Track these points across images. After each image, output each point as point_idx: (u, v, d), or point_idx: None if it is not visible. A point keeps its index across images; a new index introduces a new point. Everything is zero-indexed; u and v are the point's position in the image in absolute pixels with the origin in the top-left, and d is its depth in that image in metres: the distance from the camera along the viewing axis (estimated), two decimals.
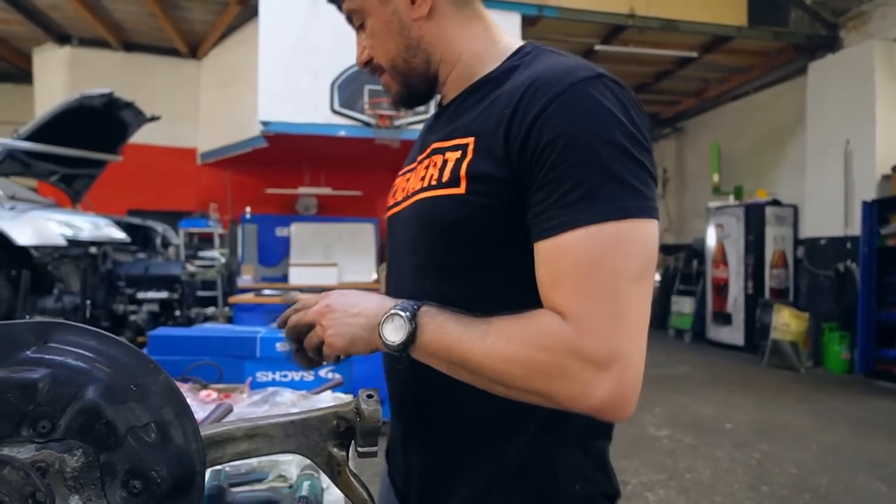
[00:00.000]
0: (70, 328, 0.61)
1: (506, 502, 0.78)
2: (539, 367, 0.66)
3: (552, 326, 0.66)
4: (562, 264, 0.67)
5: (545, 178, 0.68)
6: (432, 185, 0.79)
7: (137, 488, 0.59)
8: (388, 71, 0.87)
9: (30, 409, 0.57)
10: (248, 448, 0.75)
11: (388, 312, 0.73)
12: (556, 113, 0.68)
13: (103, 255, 4.70)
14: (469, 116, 0.80)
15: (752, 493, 3.42)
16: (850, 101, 7.02)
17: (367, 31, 0.85)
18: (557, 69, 0.73)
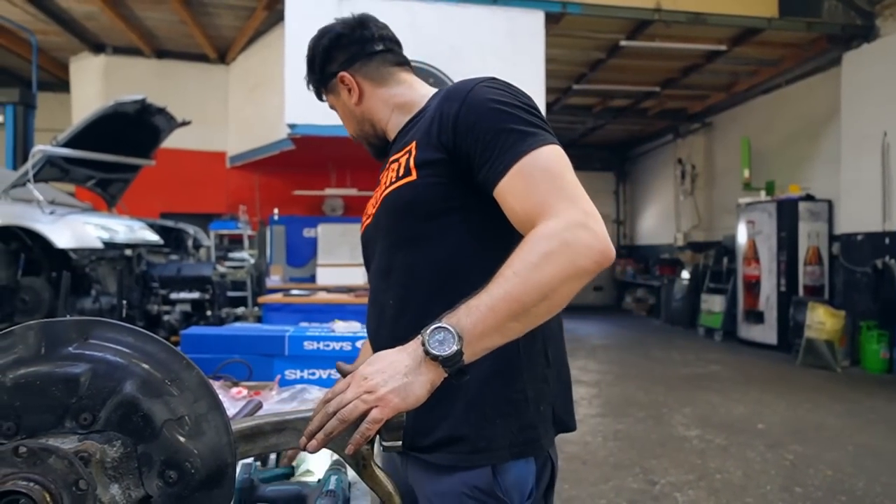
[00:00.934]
0: (109, 326, 0.64)
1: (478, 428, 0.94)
2: (547, 251, 0.81)
3: (538, 231, 0.83)
4: (525, 181, 0.88)
5: (478, 151, 0.92)
6: (392, 181, 1.03)
7: (173, 478, 0.62)
8: (356, 139, 1.27)
9: (72, 401, 0.60)
10: (276, 441, 0.78)
11: (421, 340, 0.78)
12: (471, 101, 0.95)
13: (138, 256, 4.82)
14: (408, 136, 1.08)
15: (786, 495, 3.35)
16: (887, 91, 6.81)
17: (341, 115, 1.26)
18: (460, 83, 1.01)
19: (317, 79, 1.23)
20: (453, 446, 0.93)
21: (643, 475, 3.65)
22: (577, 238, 0.81)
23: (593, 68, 8.92)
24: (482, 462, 0.92)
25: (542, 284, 0.80)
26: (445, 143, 0.95)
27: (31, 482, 0.53)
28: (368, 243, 1.14)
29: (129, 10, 7.44)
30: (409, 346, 0.80)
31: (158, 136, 5.61)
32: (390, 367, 0.77)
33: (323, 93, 1.25)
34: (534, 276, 0.80)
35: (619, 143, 14.08)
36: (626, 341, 9.16)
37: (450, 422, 0.94)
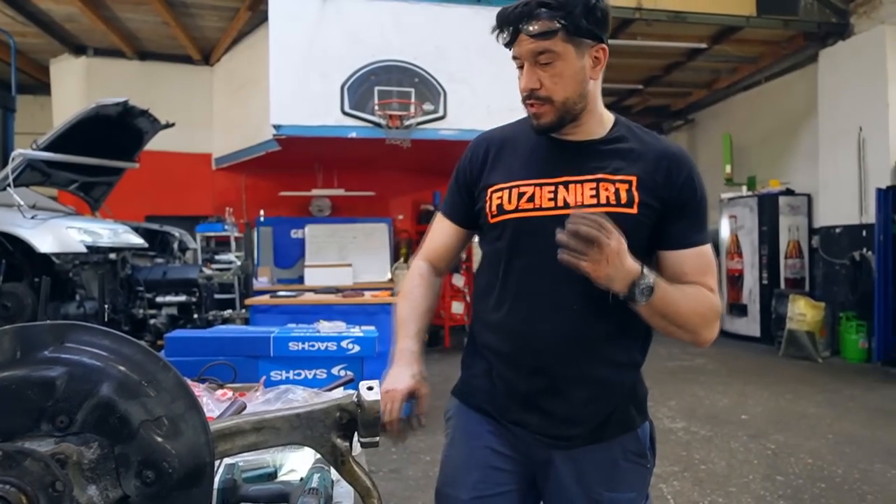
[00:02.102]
0: (84, 329, 0.66)
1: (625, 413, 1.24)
2: (706, 318, 1.17)
3: (714, 299, 1.19)
4: (703, 262, 1.20)
5: (692, 216, 1.20)
6: (612, 203, 1.16)
7: (150, 478, 0.64)
8: (556, 105, 1.16)
9: (48, 404, 0.61)
10: (256, 440, 0.79)
11: (643, 281, 1.06)
12: (693, 179, 1.21)
13: (122, 260, 4.80)
14: (618, 161, 1.19)
15: (767, 484, 3.42)
16: (862, 87, 6.94)
17: (555, 70, 1.13)
18: (679, 150, 1.25)
19: (568, 20, 1.10)
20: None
21: None
22: (714, 325, 1.19)
23: None
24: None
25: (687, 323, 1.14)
26: (664, 198, 1.17)
27: (7, 485, 0.54)
28: (540, 235, 1.15)
29: (111, 12, 7.37)
30: (633, 268, 1.05)
31: (142, 139, 5.58)
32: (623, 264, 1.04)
33: (560, 37, 1.11)
34: (692, 316, 1.15)
35: None
36: None
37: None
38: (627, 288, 1.05)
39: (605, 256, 1.00)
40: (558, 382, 1.20)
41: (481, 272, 1.34)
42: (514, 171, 1.24)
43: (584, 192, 1.18)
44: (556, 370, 1.19)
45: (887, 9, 6.76)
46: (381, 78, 6.46)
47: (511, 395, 1.23)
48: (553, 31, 1.09)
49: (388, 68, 6.40)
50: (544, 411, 1.21)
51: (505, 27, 1.13)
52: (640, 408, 1.28)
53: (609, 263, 1.01)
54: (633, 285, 1.05)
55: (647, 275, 1.06)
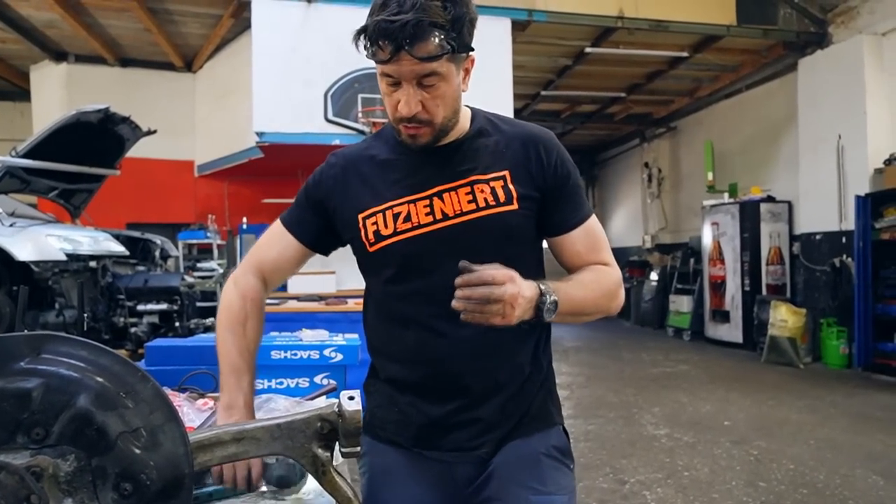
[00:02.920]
0: (62, 340, 0.65)
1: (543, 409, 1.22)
2: (610, 295, 1.18)
3: (608, 270, 1.19)
4: (591, 238, 1.20)
5: (569, 195, 1.18)
6: (491, 204, 1.12)
7: (128, 490, 0.63)
8: (435, 125, 1.09)
9: (24, 416, 0.61)
10: (236, 451, 0.78)
11: (545, 301, 1.03)
12: (564, 158, 1.19)
13: (103, 268, 4.73)
14: (486, 159, 1.15)
15: (750, 490, 3.44)
16: (840, 96, 7.06)
17: (438, 92, 1.05)
18: (542, 131, 1.21)
19: (456, 40, 1.01)
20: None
21: (613, 475, 3.71)
22: (619, 295, 1.20)
23: (560, 74, 9.06)
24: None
25: (599, 307, 1.17)
26: (540, 186, 1.16)
27: None
28: (426, 254, 1.12)
29: (92, 18, 7.31)
30: (531, 292, 1.01)
31: (123, 146, 5.53)
32: (526, 301, 1.00)
33: (446, 58, 1.02)
34: (600, 300, 1.16)
35: (588, 147, 14.30)
36: (596, 343, 9.27)
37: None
38: (534, 312, 1.02)
39: (507, 304, 0.96)
40: (474, 397, 1.16)
41: (371, 302, 1.27)
42: (382, 191, 1.15)
43: (461, 199, 1.13)
44: (471, 386, 1.15)
45: (864, 19, 6.90)
46: (364, 86, 6.47)
47: (426, 421, 1.17)
48: (443, 54, 1.00)
49: (372, 76, 6.32)
50: (463, 428, 1.16)
51: (383, 43, 0.99)
52: (556, 407, 1.27)
53: (515, 307, 0.97)
54: (539, 308, 1.02)
55: (546, 291, 1.03)
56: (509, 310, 0.97)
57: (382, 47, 0.99)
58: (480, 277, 0.94)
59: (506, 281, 0.96)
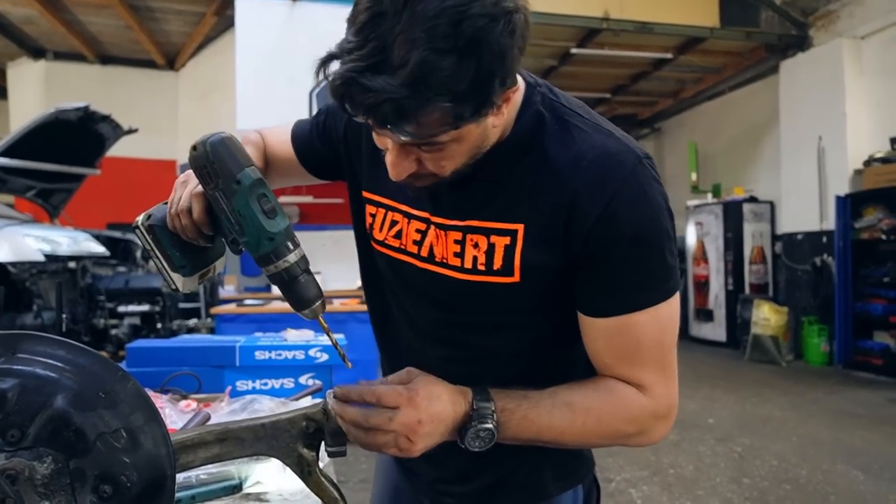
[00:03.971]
0: (38, 339, 0.63)
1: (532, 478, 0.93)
2: (626, 433, 0.81)
3: (636, 401, 0.79)
4: (628, 340, 0.78)
5: (605, 263, 0.76)
6: (480, 269, 0.80)
7: (107, 493, 0.61)
8: (443, 178, 0.76)
9: None
10: (219, 452, 0.77)
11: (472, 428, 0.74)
12: (620, 209, 0.73)
13: (82, 269, 4.65)
14: (506, 196, 0.79)
15: (734, 486, 3.48)
16: (821, 98, 7.16)
17: (444, 154, 0.72)
18: (604, 156, 0.75)
19: (476, 105, 0.66)
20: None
21: (599, 473, 3.67)
22: (652, 432, 0.81)
23: (546, 75, 9.09)
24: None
25: (594, 443, 0.85)
26: (569, 247, 0.76)
27: None
28: (405, 283, 0.90)
29: (71, 15, 7.20)
30: (453, 411, 0.74)
31: (103, 145, 5.44)
32: (440, 425, 0.73)
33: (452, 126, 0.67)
34: (596, 439, 0.81)
35: None
36: None
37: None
38: (459, 437, 0.76)
39: (399, 435, 0.71)
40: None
41: (367, 286, 1.03)
42: (386, 180, 0.80)
43: (448, 246, 0.82)
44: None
45: (844, 22, 7.00)
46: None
47: None
48: (451, 127, 0.67)
49: None
50: (433, 462, 0.93)
51: (352, 107, 0.66)
52: (562, 471, 0.94)
53: (414, 439, 0.71)
54: (462, 434, 0.75)
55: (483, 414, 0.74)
56: (405, 443, 0.72)
57: (351, 111, 0.67)
58: (360, 395, 0.72)
59: (398, 404, 0.70)
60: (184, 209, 0.81)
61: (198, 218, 0.80)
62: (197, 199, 0.80)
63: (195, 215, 0.80)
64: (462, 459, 0.88)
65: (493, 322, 0.85)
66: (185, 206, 0.81)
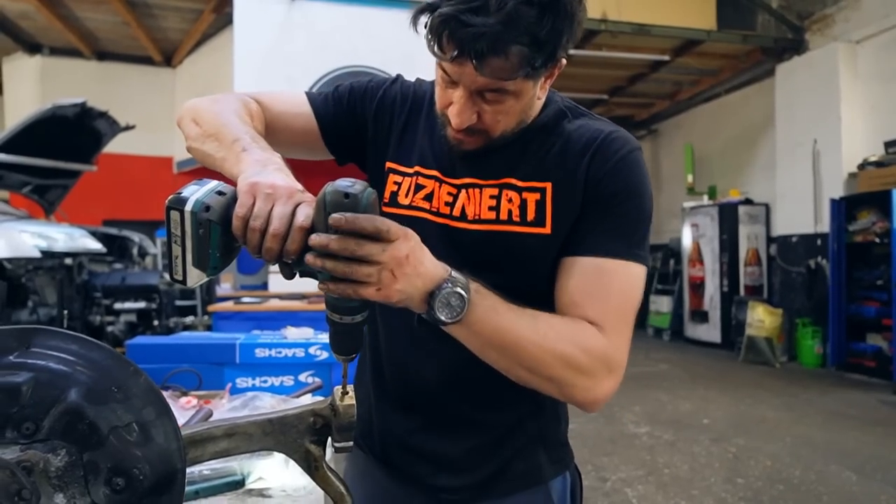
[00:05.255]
0: (52, 333, 0.63)
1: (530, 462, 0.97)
2: (575, 364, 0.80)
3: (595, 335, 0.82)
4: (600, 282, 0.85)
5: (604, 213, 0.87)
6: (515, 220, 0.89)
7: (120, 485, 0.61)
8: (491, 137, 0.87)
9: (13, 411, 0.59)
10: (227, 446, 0.77)
11: (446, 288, 0.73)
12: (622, 170, 0.88)
13: (79, 266, 4.64)
14: (535, 161, 0.91)
15: (728, 486, 3.50)
16: (816, 101, 7.21)
17: (502, 108, 0.83)
18: (614, 134, 0.91)
19: (544, 58, 0.78)
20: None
21: (595, 472, 3.74)
22: (599, 380, 0.82)
23: None
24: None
25: (541, 364, 0.79)
26: (584, 199, 0.88)
27: None
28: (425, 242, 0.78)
29: (68, 10, 7.18)
30: (433, 268, 0.73)
31: (100, 141, 5.44)
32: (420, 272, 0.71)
33: (521, 76, 0.78)
34: (547, 355, 0.79)
35: None
36: None
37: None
38: (426, 301, 0.73)
39: (385, 268, 0.67)
40: (437, 422, 0.97)
41: None
42: (416, 151, 0.96)
43: (483, 203, 0.90)
44: (433, 408, 0.97)
45: (840, 27, 7.05)
46: (347, 84, 6.44)
47: (388, 434, 1.01)
48: (520, 74, 0.78)
49: (355, 73, 6.38)
50: (425, 456, 0.97)
51: (447, 39, 0.76)
52: (554, 455, 0.99)
53: (399, 276, 0.69)
54: (432, 296, 0.73)
55: (456, 281, 0.73)
56: (387, 277, 0.68)
57: (444, 45, 0.77)
58: (371, 222, 0.65)
59: (397, 237, 0.68)
60: (277, 234, 0.67)
61: (293, 251, 0.68)
62: (300, 233, 0.67)
63: (291, 248, 0.68)
64: (464, 449, 0.94)
65: (514, 282, 0.85)
66: (281, 231, 0.67)
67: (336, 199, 0.65)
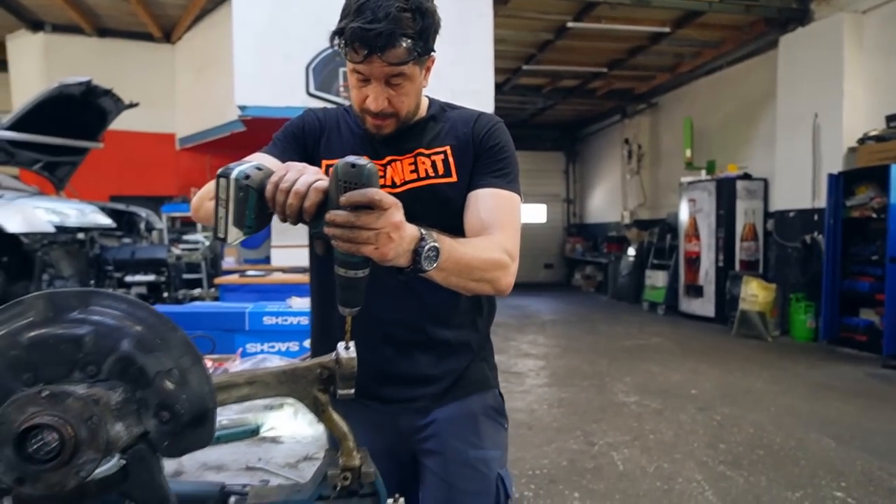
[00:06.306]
0: (105, 295, 0.77)
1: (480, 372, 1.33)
2: (499, 262, 1.14)
3: (501, 240, 1.17)
4: (499, 210, 1.21)
5: (490, 161, 1.25)
6: (430, 175, 1.23)
7: (166, 418, 0.76)
8: (399, 118, 1.21)
9: (79, 356, 0.73)
10: (248, 392, 0.92)
11: (425, 244, 0.96)
12: (497, 129, 1.29)
13: (91, 240, 4.79)
14: (431, 136, 1.27)
15: (710, 451, 3.68)
16: (819, 74, 7.17)
17: (403, 90, 1.17)
18: (487, 114, 1.32)
19: (422, 47, 1.14)
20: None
21: (584, 437, 3.92)
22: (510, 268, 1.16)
23: (542, 49, 9.11)
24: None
25: (479, 271, 1.10)
26: (474, 154, 1.25)
27: (55, 417, 0.66)
28: None
29: None
30: (411, 231, 0.94)
31: (105, 119, 5.54)
32: (406, 236, 0.92)
33: (412, 62, 1.14)
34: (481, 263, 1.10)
35: (569, 123, 14.40)
36: (574, 317, 9.52)
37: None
38: (411, 258, 0.96)
39: (382, 233, 0.86)
40: (406, 349, 1.26)
41: (313, 255, 1.33)
42: (345, 147, 1.27)
43: (405, 169, 1.24)
44: (402, 338, 1.25)
45: None
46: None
47: (367, 370, 1.14)
48: (410, 59, 1.12)
49: None
50: (398, 378, 1.26)
51: (358, 47, 1.09)
52: (492, 372, 1.36)
53: (394, 238, 0.89)
54: (417, 253, 0.95)
55: (427, 236, 0.96)
56: (385, 240, 0.87)
57: (357, 50, 1.10)
58: (365, 195, 0.83)
59: (389, 206, 0.86)
60: (299, 192, 0.87)
61: (309, 208, 0.87)
62: (317, 193, 0.87)
63: (307, 204, 0.87)
64: (429, 365, 1.27)
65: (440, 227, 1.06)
66: (302, 190, 0.87)
67: (345, 168, 0.84)
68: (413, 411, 1.28)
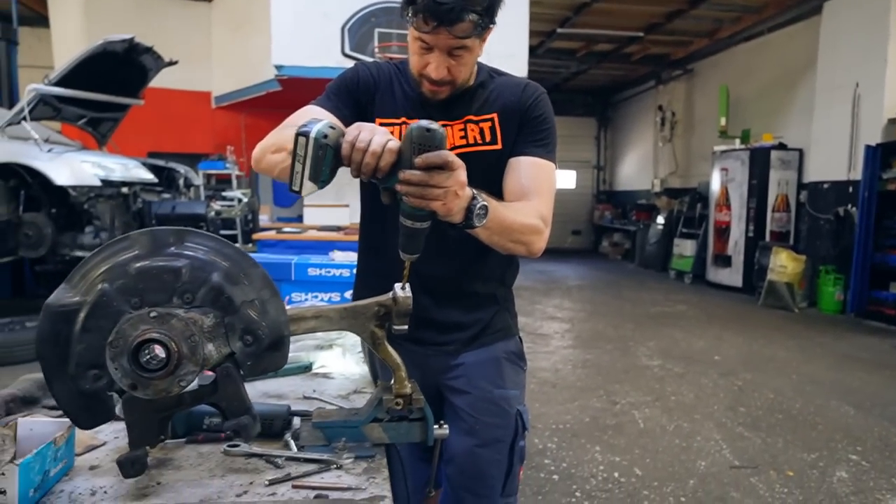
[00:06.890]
0: (197, 234, 0.89)
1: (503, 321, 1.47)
2: (535, 227, 1.24)
3: (538, 205, 1.27)
4: (539, 178, 1.31)
5: (533, 130, 1.35)
6: (478, 142, 1.33)
7: (249, 341, 0.88)
8: (454, 85, 1.29)
9: (178, 285, 0.85)
10: (314, 325, 1.04)
11: (477, 203, 1.07)
12: (541, 100, 1.37)
13: (134, 194, 4.98)
14: (480, 103, 1.35)
15: (730, 413, 3.77)
16: (862, 42, 6.97)
17: (463, 61, 1.25)
18: (533, 84, 1.39)
19: (487, 22, 1.21)
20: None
21: (606, 396, 4.04)
22: (543, 233, 1.27)
23: (578, 12, 8.95)
24: None
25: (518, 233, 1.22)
26: (519, 122, 1.33)
27: (162, 334, 0.78)
28: None
29: None
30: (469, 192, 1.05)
31: (146, 76, 5.66)
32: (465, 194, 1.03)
33: (475, 35, 1.21)
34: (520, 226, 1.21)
35: (602, 88, 14.16)
36: (600, 283, 9.58)
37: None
38: (464, 215, 1.06)
39: (450, 191, 0.97)
40: (441, 299, 1.39)
41: (365, 207, 1.44)
42: (398, 107, 1.33)
43: (455, 134, 1.32)
44: (438, 290, 1.37)
45: None
46: (381, 20, 6.50)
47: None
48: (475, 34, 1.19)
49: (389, 10, 6.43)
50: (433, 324, 1.38)
51: (427, 18, 1.15)
52: (514, 320, 1.50)
53: (458, 196, 1.00)
54: (469, 211, 1.06)
55: (478, 197, 1.07)
56: (452, 197, 0.98)
57: (427, 21, 1.16)
58: (441, 156, 0.93)
59: (457, 167, 0.97)
60: (375, 152, 0.94)
61: (384, 167, 0.95)
62: (391, 153, 0.95)
63: (382, 164, 0.95)
64: (460, 314, 1.41)
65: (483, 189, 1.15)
66: (378, 150, 0.94)
67: (420, 132, 0.94)
68: (444, 354, 1.42)
